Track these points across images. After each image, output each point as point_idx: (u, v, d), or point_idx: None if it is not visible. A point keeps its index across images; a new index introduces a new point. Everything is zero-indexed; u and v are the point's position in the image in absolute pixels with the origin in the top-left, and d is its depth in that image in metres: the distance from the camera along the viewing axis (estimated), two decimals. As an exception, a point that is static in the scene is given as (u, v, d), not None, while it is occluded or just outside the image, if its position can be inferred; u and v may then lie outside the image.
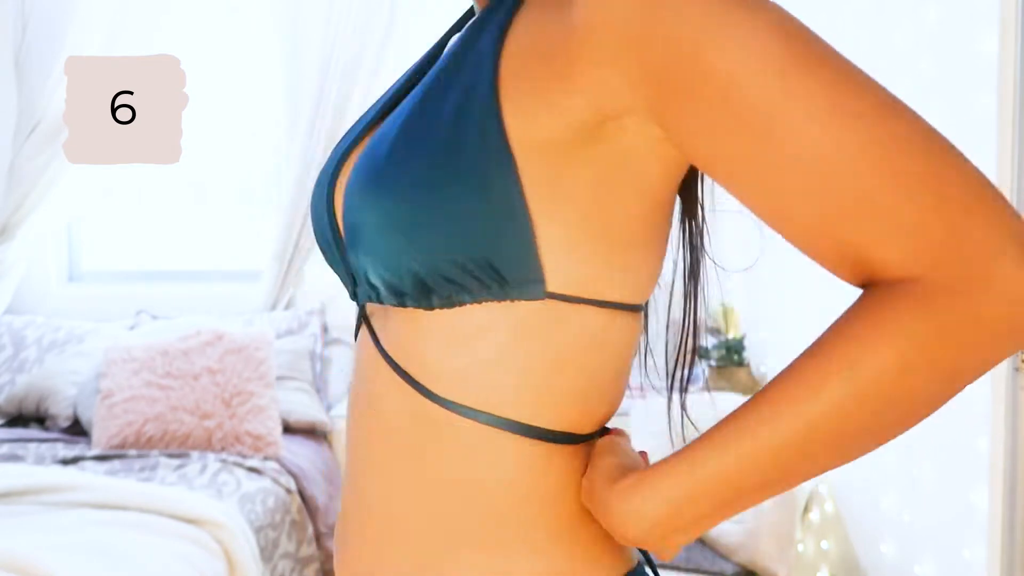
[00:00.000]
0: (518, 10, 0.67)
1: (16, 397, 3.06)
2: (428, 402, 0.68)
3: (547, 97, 0.63)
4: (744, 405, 0.60)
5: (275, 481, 2.66)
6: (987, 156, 1.92)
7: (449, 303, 0.66)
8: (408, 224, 0.64)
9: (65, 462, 2.71)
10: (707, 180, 0.76)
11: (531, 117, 0.63)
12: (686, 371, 0.81)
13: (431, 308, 0.67)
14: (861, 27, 2.53)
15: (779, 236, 0.61)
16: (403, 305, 0.68)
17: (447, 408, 0.67)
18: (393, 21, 3.20)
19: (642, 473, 0.64)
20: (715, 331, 3.17)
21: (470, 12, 0.83)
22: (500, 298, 0.65)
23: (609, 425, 0.79)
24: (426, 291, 0.66)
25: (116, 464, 2.69)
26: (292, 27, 3.33)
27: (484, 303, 0.66)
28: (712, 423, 0.63)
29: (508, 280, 0.65)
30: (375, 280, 0.68)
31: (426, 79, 0.70)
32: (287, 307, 3.41)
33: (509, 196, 0.63)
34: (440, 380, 0.67)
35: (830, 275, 0.61)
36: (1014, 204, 1.87)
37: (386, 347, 0.70)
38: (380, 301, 0.70)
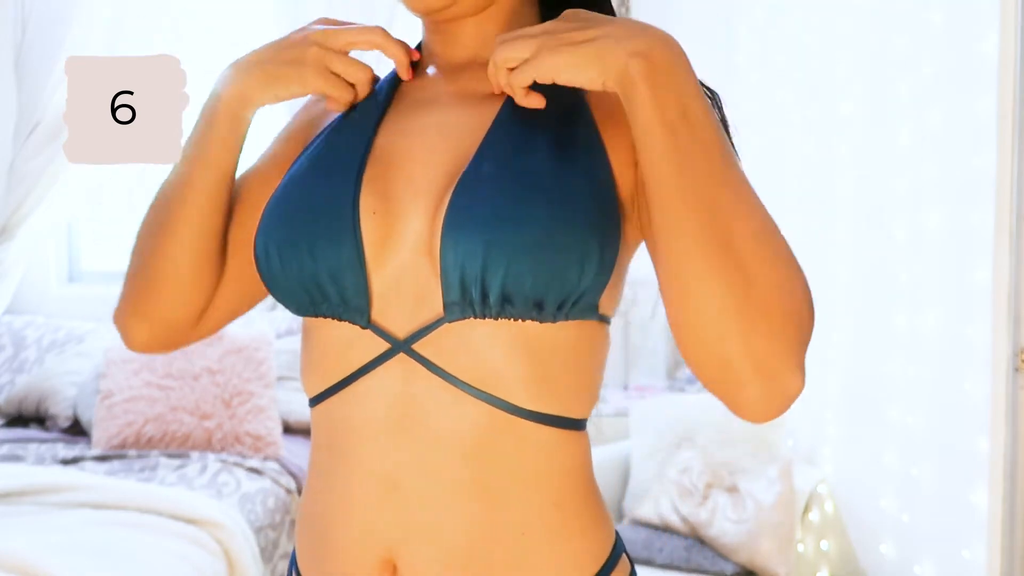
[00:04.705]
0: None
1: (16, 397, 3.05)
2: (500, 412, 0.79)
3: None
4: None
5: (275, 481, 2.66)
6: (987, 156, 1.92)
7: (565, 317, 0.78)
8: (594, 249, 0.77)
9: (65, 462, 2.71)
10: None
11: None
12: None
13: (549, 321, 0.78)
14: (864, 30, 2.53)
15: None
16: (532, 318, 0.77)
17: (523, 417, 0.79)
18: (392, 22, 3.20)
19: None
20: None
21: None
22: (586, 317, 0.80)
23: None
24: (561, 306, 0.78)
25: (116, 464, 2.69)
26: (293, 27, 3.33)
27: (573, 321, 0.80)
28: (712, 423, 0.67)
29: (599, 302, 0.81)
30: (514, 292, 0.75)
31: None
32: (287, 307, 3.41)
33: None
34: (517, 391, 0.79)
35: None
36: (1014, 204, 1.88)
37: (451, 370, 0.78)
38: (500, 315, 0.77)
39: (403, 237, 0.80)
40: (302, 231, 0.80)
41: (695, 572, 2.48)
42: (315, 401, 0.86)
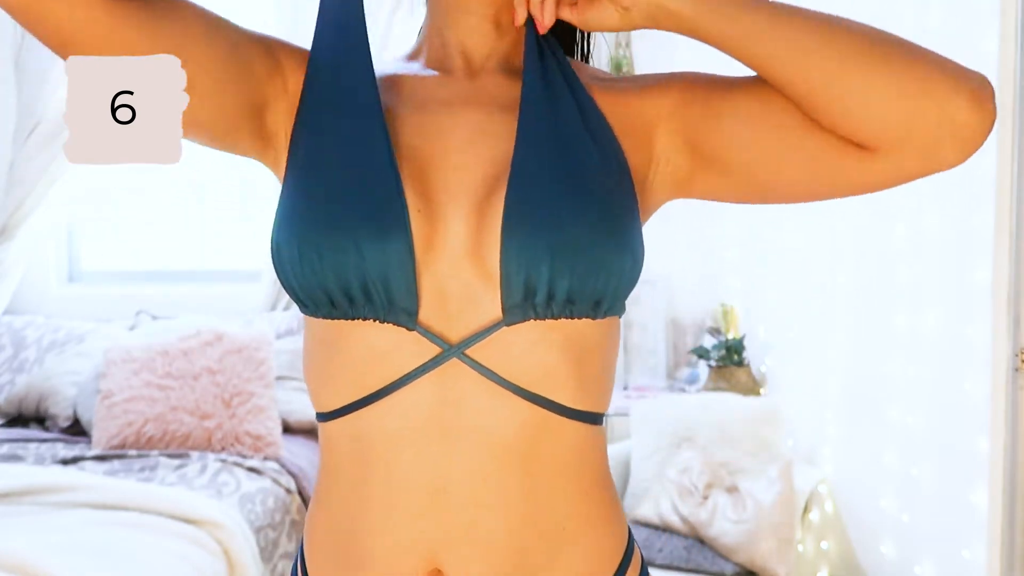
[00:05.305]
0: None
1: (16, 397, 3.06)
2: (547, 412, 0.80)
3: None
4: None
5: (275, 481, 2.66)
6: (987, 156, 1.92)
7: (612, 313, 0.82)
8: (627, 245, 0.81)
9: (65, 462, 2.71)
10: None
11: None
12: None
13: (601, 318, 0.81)
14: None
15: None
16: (588, 316, 0.79)
17: (568, 416, 0.81)
18: (392, 21, 3.21)
19: None
20: (715, 331, 3.17)
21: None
22: (620, 312, 0.84)
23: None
24: (614, 302, 0.81)
25: (116, 464, 2.69)
26: (293, 26, 3.33)
27: (608, 319, 0.83)
28: (712, 423, 0.68)
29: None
30: (579, 292, 0.78)
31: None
32: (287, 307, 3.41)
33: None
34: (563, 391, 0.81)
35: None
36: (1014, 204, 1.88)
37: (502, 374, 0.79)
38: (561, 315, 0.78)
39: (446, 238, 0.79)
40: (347, 229, 0.76)
41: (695, 572, 2.48)
42: (341, 412, 0.82)
